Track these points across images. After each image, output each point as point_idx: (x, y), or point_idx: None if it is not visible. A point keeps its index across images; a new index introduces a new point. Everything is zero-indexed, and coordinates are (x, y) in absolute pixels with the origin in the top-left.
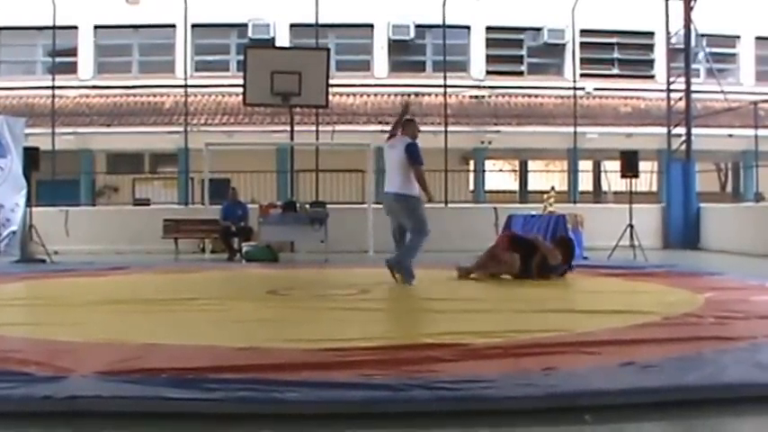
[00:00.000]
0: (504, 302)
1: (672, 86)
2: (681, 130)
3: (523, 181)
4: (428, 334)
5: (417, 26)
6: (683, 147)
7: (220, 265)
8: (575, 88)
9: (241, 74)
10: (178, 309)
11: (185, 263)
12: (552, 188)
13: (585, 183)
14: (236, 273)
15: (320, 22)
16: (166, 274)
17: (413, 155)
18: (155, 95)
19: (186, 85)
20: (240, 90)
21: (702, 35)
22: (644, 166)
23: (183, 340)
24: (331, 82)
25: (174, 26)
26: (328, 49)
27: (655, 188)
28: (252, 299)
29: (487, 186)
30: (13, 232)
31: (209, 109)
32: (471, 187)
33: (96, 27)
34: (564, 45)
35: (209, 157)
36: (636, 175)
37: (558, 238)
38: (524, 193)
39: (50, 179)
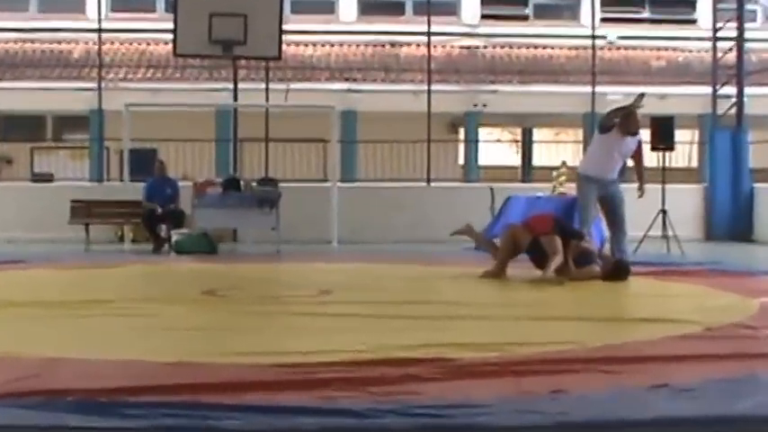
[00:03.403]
0: (501, 307)
1: (719, 33)
2: (730, 89)
3: (527, 154)
4: (405, 346)
5: None
6: (733, 111)
7: (144, 259)
8: (593, 37)
9: (170, 16)
10: (89, 314)
11: (99, 255)
12: (563, 163)
13: None
14: (163, 268)
15: None
16: (74, 269)
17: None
18: (59, 42)
19: (100, 29)
20: (169, 36)
21: None
22: (681, 135)
23: (94, 354)
24: (285, 27)
25: None
26: None
27: (695, 164)
28: (183, 301)
29: (482, 161)
30: None
31: (130, 60)
32: (461, 162)
33: None
34: None
35: (130, 121)
36: (671, 148)
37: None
38: (528, 170)
39: None
